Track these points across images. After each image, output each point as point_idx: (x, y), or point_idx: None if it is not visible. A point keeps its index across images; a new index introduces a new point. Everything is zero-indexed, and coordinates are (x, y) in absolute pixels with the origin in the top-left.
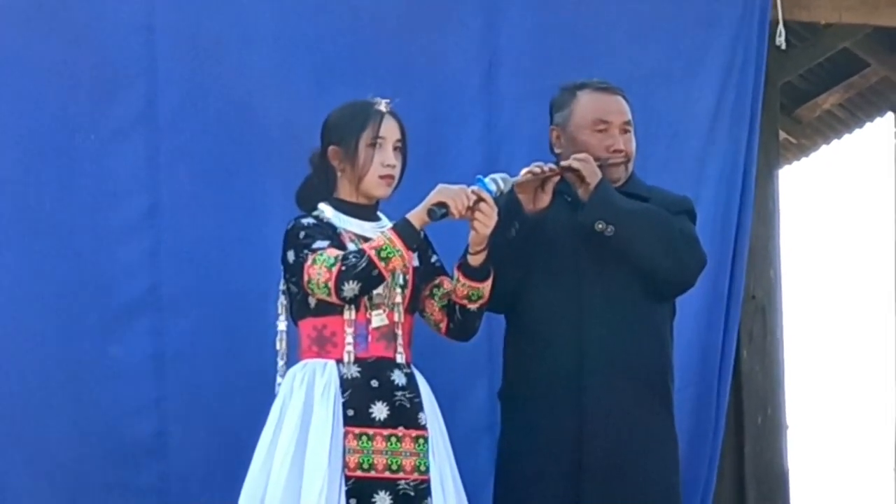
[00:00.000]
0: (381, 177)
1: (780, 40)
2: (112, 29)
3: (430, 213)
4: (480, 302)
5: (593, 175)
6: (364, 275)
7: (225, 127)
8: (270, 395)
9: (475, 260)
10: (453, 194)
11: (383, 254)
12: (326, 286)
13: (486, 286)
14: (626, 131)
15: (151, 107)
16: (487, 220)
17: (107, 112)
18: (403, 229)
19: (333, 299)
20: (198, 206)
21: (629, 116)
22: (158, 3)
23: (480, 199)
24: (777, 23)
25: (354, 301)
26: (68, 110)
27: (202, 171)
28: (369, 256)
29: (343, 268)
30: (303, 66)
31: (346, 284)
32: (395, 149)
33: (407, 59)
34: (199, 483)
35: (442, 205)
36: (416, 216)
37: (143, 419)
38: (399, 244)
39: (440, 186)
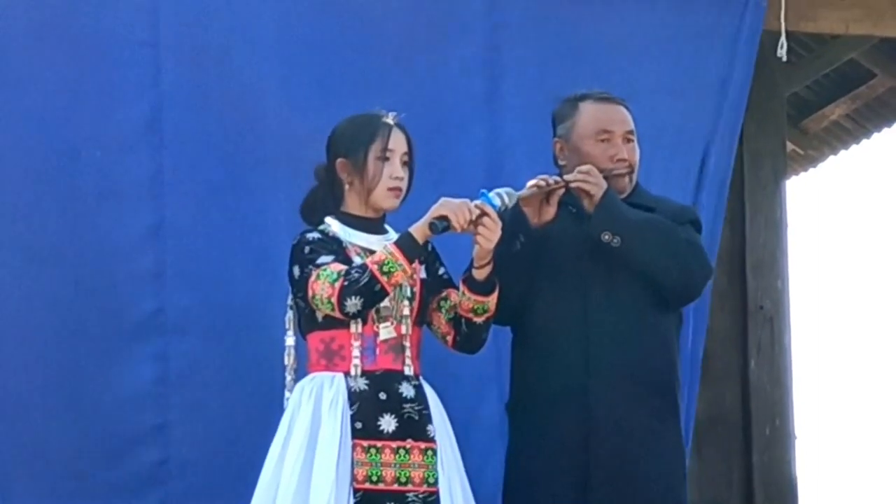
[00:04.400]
0: (390, 189)
1: (781, 52)
2: (117, 45)
3: (431, 226)
4: (486, 315)
5: (598, 187)
6: (366, 290)
7: (229, 142)
8: (276, 418)
9: (480, 274)
10: (455, 208)
11: (385, 268)
12: (330, 302)
13: (491, 300)
14: (629, 140)
15: (156, 122)
16: (491, 234)
17: (112, 128)
18: (405, 243)
19: (337, 314)
20: (202, 223)
21: (632, 126)
22: (163, 19)
23: (484, 214)
24: (779, 35)
25: (359, 316)
26: (73, 127)
27: (207, 187)
28: (371, 271)
29: (346, 283)
30: (307, 81)
31: (348, 300)
32: (402, 162)
33: (409, 73)
34: None
35: (444, 218)
36: (418, 230)
37: (147, 444)
38: (401, 258)
39: (442, 200)
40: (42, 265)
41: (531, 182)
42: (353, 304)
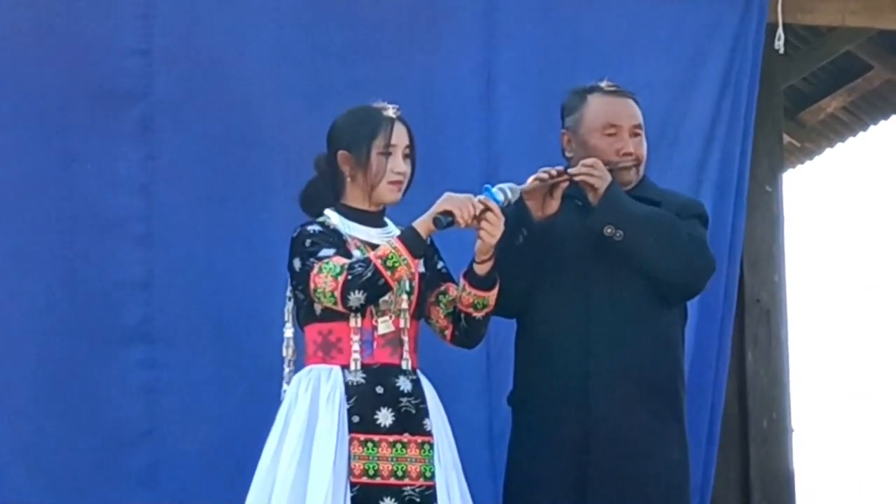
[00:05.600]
0: (392, 183)
1: (779, 44)
2: (110, 52)
3: (435, 221)
4: (486, 310)
5: (602, 180)
6: (370, 284)
7: (223, 149)
8: (270, 414)
9: (481, 269)
10: (460, 203)
11: (389, 263)
12: (332, 295)
13: (491, 295)
14: (636, 134)
15: (148, 130)
16: (494, 229)
17: (104, 135)
18: (409, 238)
19: (340, 308)
20: (192, 233)
21: (640, 120)
22: (157, 26)
23: (487, 209)
24: (777, 27)
25: (360, 310)
26: (65, 134)
27: (199, 194)
28: (375, 266)
29: (349, 277)
30: (304, 84)
31: (352, 294)
32: (404, 155)
33: (409, 73)
34: None
35: (448, 213)
36: (422, 224)
37: (141, 440)
38: (405, 253)
39: (447, 195)
40: (34, 272)
41: (534, 175)
42: (357, 298)
